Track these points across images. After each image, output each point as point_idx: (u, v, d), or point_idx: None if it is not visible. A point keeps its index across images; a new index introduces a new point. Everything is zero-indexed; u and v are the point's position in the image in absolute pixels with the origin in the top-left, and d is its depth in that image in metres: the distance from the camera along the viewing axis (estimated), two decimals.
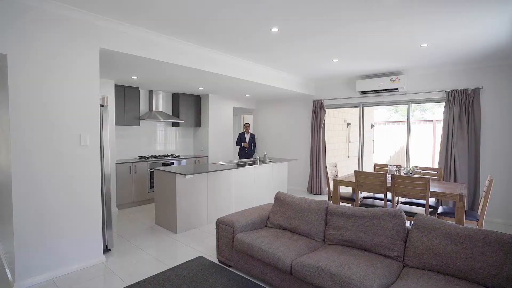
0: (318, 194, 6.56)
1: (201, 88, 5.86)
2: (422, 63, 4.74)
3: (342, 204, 4.38)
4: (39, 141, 2.69)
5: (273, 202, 3.83)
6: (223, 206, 4.67)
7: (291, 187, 7.10)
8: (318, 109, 6.52)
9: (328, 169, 4.53)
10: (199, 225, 4.30)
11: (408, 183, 3.37)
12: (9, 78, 2.49)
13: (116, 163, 5.13)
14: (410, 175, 3.81)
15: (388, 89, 5.42)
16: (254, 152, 7.14)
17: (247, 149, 6.93)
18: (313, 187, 6.60)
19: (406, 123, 5.69)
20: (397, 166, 4.31)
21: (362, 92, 5.79)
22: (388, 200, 3.98)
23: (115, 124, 5.28)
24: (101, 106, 3.27)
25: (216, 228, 3.08)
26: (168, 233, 4.04)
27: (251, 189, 5.21)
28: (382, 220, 2.47)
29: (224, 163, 5.26)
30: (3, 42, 2.45)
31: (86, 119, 2.98)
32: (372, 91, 5.62)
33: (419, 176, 3.75)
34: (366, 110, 6.37)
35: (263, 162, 5.46)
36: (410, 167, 4.06)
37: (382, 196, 4.28)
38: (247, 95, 6.98)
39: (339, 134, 7.82)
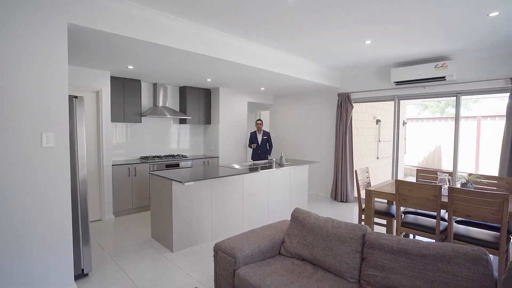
0: (343, 202, 5.69)
1: (209, 80, 5.16)
2: (482, 43, 3.75)
3: (376, 220, 3.53)
4: None
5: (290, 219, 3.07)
6: (231, 219, 3.95)
7: (312, 192, 6.28)
8: (344, 103, 5.64)
9: (358, 175, 3.69)
10: (201, 241, 3.61)
11: (474, 200, 2.48)
12: None
13: (112, 165, 4.54)
14: (471, 187, 2.90)
15: (432, 78, 4.46)
16: (269, 154, 6.08)
17: (260, 151, 5.91)
18: (338, 193, 5.74)
19: (443, 120, 4.70)
20: (450, 174, 3.40)
21: (398, 83, 4.86)
22: (442, 219, 3.07)
23: (112, 121, 4.69)
24: (74, 97, 2.62)
25: (214, 256, 2.35)
26: (163, 251, 3.37)
27: (265, 197, 4.45)
28: (453, 265, 1.63)
29: (237, 166, 4.53)
30: None
31: (47, 114, 2.33)
32: (411, 81, 4.68)
33: (491, 191, 2.84)
34: (401, 104, 5.39)
35: (280, 165, 4.68)
36: (468, 176, 3.13)
37: (428, 212, 3.38)
38: (262, 88, 6.21)
39: (367, 133, 6.89)
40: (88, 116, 4.31)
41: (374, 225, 3.44)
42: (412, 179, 8.76)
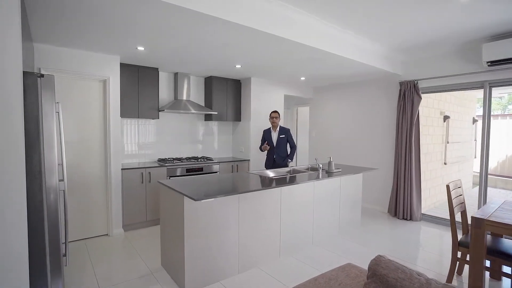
0: (406, 220, 4.45)
1: (238, 66, 4.22)
2: None
3: (488, 262, 2.34)
4: None
5: (348, 262, 2.02)
6: (264, 244, 2.96)
7: (365, 206, 5.08)
8: (408, 94, 4.41)
9: (451, 193, 2.51)
10: (223, 276, 2.66)
11: None
12: None
13: (122, 169, 3.77)
14: None
15: None
16: (291, 159, 4.50)
17: (275, 155, 4.40)
18: (399, 208, 4.51)
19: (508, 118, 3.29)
20: None
21: (493, 63, 3.55)
22: None
23: (122, 117, 3.93)
24: (39, 76, 1.81)
25: None
26: None
27: (309, 214, 3.40)
28: None
29: (271, 173, 3.54)
30: None
31: None
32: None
33: None
34: (462, 97, 3.99)
35: (328, 172, 3.61)
36: None
37: None
38: (302, 78, 5.15)
39: (432, 132, 5.52)
40: (92, 110, 3.57)
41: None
42: (495, 191, 7.16)
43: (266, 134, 4.52)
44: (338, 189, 3.78)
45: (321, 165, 3.57)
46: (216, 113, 4.88)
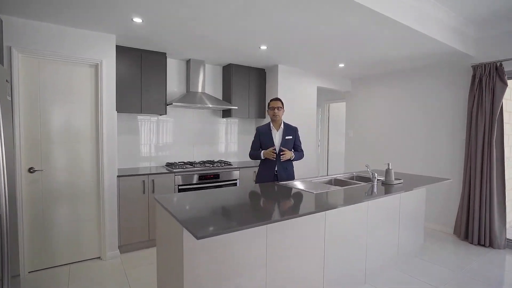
0: (483, 246, 3.38)
1: (263, 47, 3.35)
2: None
3: None
4: None
5: None
6: (302, 286, 2.06)
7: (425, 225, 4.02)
8: (487, 80, 3.35)
9: None
10: None
11: None
12: None
13: (118, 176, 3.02)
14: None
15: None
16: (288, 169, 2.89)
17: (276, 164, 2.80)
18: (472, 230, 3.44)
19: None
20: None
21: None
22: None
23: (119, 112, 3.19)
24: None
25: None
26: None
27: (361, 246, 2.46)
28: None
29: (300, 184, 2.63)
30: None
31: None
32: None
33: None
34: None
35: (385, 184, 2.65)
36: None
37: None
38: (341, 65, 4.20)
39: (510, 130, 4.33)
40: (80, 103, 2.84)
41: None
42: None
43: (264, 134, 2.89)
44: (398, 206, 2.81)
45: (376, 174, 2.62)
46: (236, 107, 4.04)
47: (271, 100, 2.91)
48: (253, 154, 2.93)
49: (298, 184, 2.59)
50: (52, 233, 2.75)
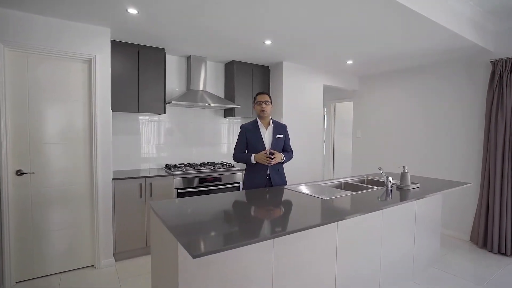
0: (504, 255, 3.15)
1: (268, 41, 3.15)
2: None
3: None
4: None
5: None
6: None
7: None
8: (507, 77, 3.12)
9: None
10: None
11: None
12: None
13: (113, 179, 2.84)
14: None
15: None
16: (280, 171, 2.58)
17: (269, 168, 2.46)
18: (491, 237, 3.21)
19: None
20: None
21: None
22: None
23: (114, 110, 3.00)
24: None
25: None
26: None
27: (375, 256, 2.25)
28: None
29: (306, 189, 2.42)
30: None
31: None
32: None
33: None
34: None
35: (400, 188, 2.43)
36: None
37: None
38: (349, 62, 3.99)
39: None
40: (73, 101, 2.66)
41: None
42: None
43: (251, 133, 2.50)
44: (413, 212, 2.59)
45: (391, 178, 2.41)
46: (239, 107, 3.84)
47: (257, 94, 2.52)
48: (240, 158, 2.47)
49: (306, 189, 2.39)
50: (42, 240, 2.57)
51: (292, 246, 1.71)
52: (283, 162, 2.56)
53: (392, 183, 2.51)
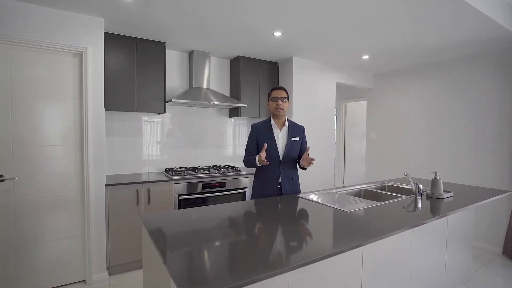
0: None
1: (278, 33, 2.86)
2: None
3: None
4: None
5: None
6: None
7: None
8: None
9: None
10: None
11: None
12: None
13: (106, 185, 2.56)
14: None
15: None
16: (294, 180, 2.25)
17: (280, 172, 2.15)
18: None
19: None
20: None
21: None
22: None
23: (108, 109, 2.74)
24: None
25: None
26: None
27: (404, 279, 1.93)
28: None
29: (316, 198, 2.11)
30: None
31: None
32: None
33: None
34: None
35: (431, 197, 2.11)
36: None
37: None
38: (365, 56, 3.67)
39: None
40: (61, 98, 2.40)
41: None
42: None
43: (263, 134, 2.19)
44: (445, 225, 2.27)
45: (421, 186, 2.08)
46: (246, 106, 3.55)
47: (273, 89, 2.21)
48: (247, 161, 2.15)
49: (322, 198, 2.08)
50: (28, 253, 2.31)
51: (311, 272, 1.40)
52: (305, 169, 2.24)
53: (419, 189, 2.18)
